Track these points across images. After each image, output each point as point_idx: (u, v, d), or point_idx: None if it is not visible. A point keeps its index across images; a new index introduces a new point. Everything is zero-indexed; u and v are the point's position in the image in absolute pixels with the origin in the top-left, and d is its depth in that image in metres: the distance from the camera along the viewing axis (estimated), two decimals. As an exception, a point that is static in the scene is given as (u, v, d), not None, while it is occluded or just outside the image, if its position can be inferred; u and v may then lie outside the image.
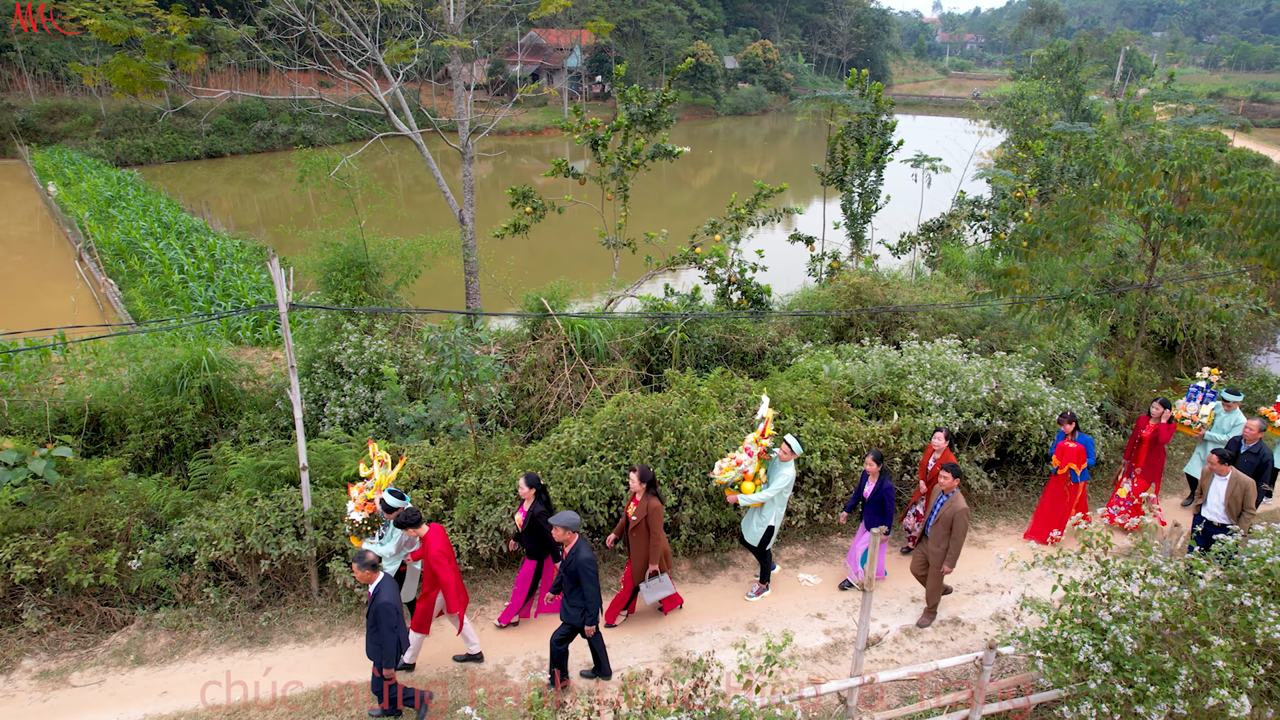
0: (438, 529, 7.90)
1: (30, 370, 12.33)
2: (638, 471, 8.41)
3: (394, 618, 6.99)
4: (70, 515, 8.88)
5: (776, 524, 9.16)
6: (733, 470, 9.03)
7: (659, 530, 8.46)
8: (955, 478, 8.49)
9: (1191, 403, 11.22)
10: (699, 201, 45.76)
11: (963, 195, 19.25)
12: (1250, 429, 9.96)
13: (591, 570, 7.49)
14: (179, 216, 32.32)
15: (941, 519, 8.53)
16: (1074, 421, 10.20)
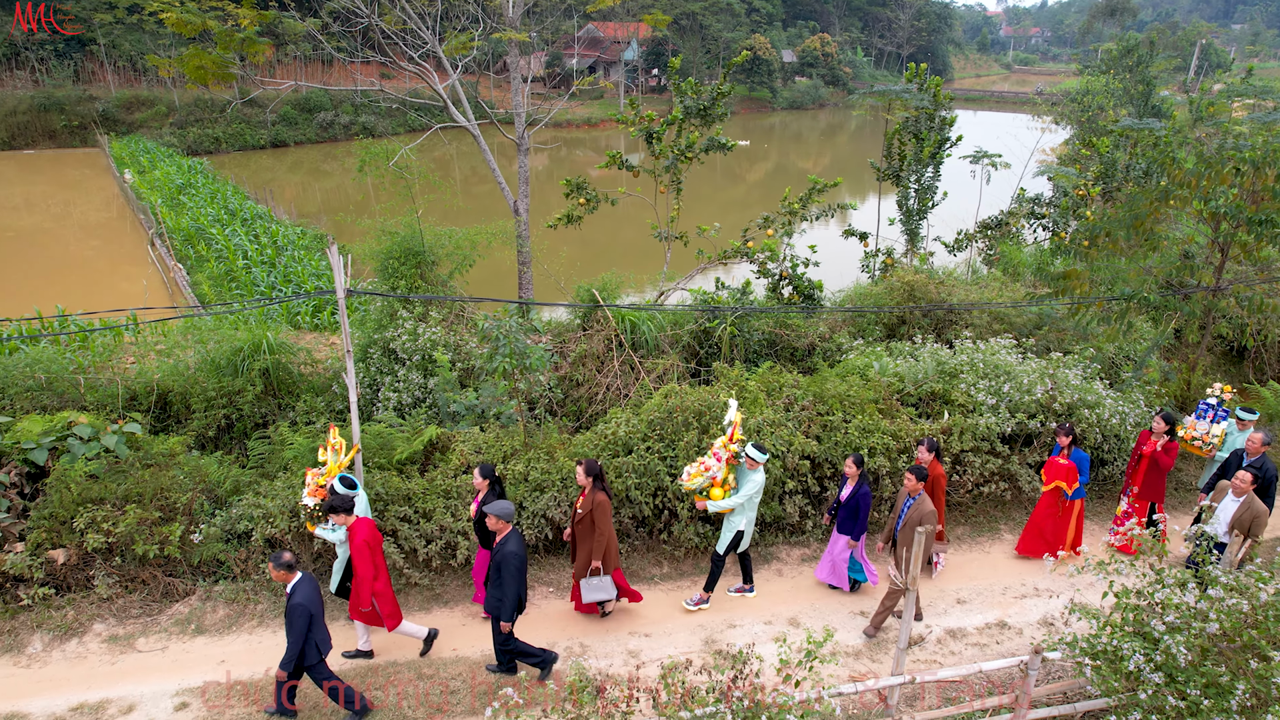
0: (366, 522, 7.79)
1: (105, 350, 12.89)
2: (584, 465, 8.31)
3: (306, 619, 7.00)
4: (138, 489, 9.27)
5: (747, 529, 8.98)
6: (701, 476, 8.88)
7: (605, 525, 8.33)
8: (920, 480, 8.32)
9: (1201, 421, 10.49)
10: (752, 195, 45.52)
11: (1023, 193, 18.84)
12: (1254, 442, 9.31)
13: (515, 564, 7.44)
14: (244, 204, 33.29)
15: (909, 522, 8.34)
16: (1071, 435, 9.67)
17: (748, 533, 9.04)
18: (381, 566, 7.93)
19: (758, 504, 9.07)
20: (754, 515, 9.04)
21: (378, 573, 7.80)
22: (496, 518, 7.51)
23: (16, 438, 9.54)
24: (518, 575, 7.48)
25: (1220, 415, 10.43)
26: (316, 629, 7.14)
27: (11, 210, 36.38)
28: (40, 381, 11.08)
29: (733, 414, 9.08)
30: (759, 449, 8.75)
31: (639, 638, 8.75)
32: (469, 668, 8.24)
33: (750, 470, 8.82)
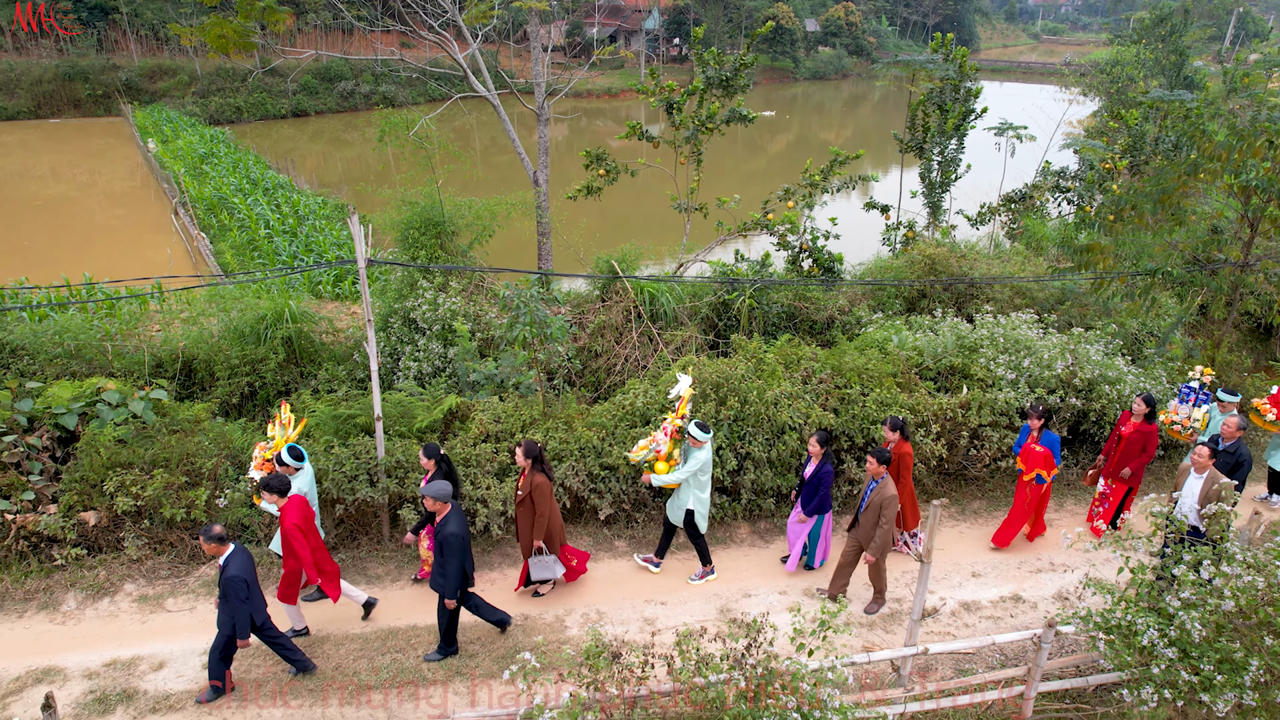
0: (298, 501, 7.76)
1: (131, 317, 13.09)
2: (523, 447, 8.28)
3: (243, 591, 7.04)
4: (165, 454, 9.46)
5: (698, 507, 8.92)
6: (645, 450, 8.89)
7: (544, 506, 8.31)
8: (881, 464, 8.22)
9: (1183, 405, 10.21)
10: (773, 167, 45.14)
11: (1048, 166, 18.57)
12: (1229, 426, 9.05)
13: (455, 544, 7.45)
14: (266, 174, 33.44)
15: (871, 505, 8.28)
16: (1044, 416, 9.41)
17: (699, 513, 8.98)
18: (315, 544, 7.87)
19: (708, 485, 8.97)
20: (705, 495, 8.94)
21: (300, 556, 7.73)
22: (434, 499, 7.52)
23: (47, 403, 9.76)
24: (459, 553, 7.49)
25: (1202, 398, 10.12)
26: (253, 599, 7.22)
27: (39, 179, 36.76)
28: (69, 348, 11.29)
29: (681, 389, 9.03)
30: (701, 427, 8.64)
31: (655, 605, 8.88)
32: (487, 632, 8.39)
33: (695, 448, 8.74)
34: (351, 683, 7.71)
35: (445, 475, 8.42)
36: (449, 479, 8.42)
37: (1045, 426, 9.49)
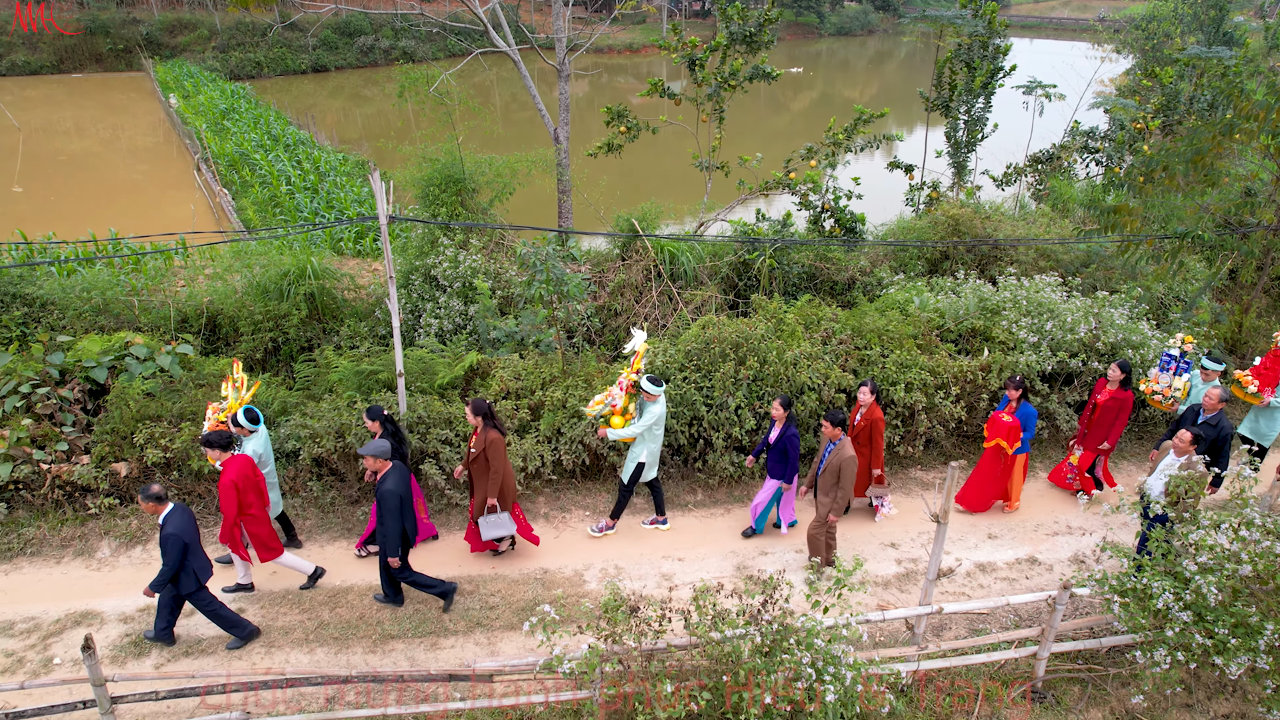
0: (240, 460, 7.76)
1: (156, 273, 13.23)
2: (471, 405, 8.28)
3: (180, 548, 7.08)
4: (192, 407, 9.63)
5: (649, 460, 9.00)
6: (601, 405, 8.92)
7: (498, 464, 8.27)
8: (836, 426, 8.15)
9: (1164, 373, 9.95)
10: (796, 125, 44.50)
11: (1077, 126, 18.18)
12: (1210, 398, 8.74)
13: (392, 502, 7.47)
14: (286, 129, 33.39)
15: (829, 468, 8.22)
16: (1021, 388, 9.18)
17: (650, 464, 9.05)
18: (255, 502, 7.89)
19: (661, 437, 9.04)
20: (656, 448, 9.03)
21: (243, 511, 7.78)
22: (374, 457, 7.54)
23: (78, 356, 9.94)
24: (397, 512, 7.52)
25: (1183, 367, 9.86)
26: (194, 557, 7.26)
27: (63, 134, 36.93)
28: (97, 303, 11.45)
29: (636, 343, 9.05)
30: (654, 381, 8.73)
31: (672, 561, 9.00)
32: (507, 585, 8.56)
33: (649, 402, 8.81)
34: (375, 632, 7.91)
35: (391, 436, 8.46)
36: (394, 439, 8.46)
37: (1023, 399, 9.33)
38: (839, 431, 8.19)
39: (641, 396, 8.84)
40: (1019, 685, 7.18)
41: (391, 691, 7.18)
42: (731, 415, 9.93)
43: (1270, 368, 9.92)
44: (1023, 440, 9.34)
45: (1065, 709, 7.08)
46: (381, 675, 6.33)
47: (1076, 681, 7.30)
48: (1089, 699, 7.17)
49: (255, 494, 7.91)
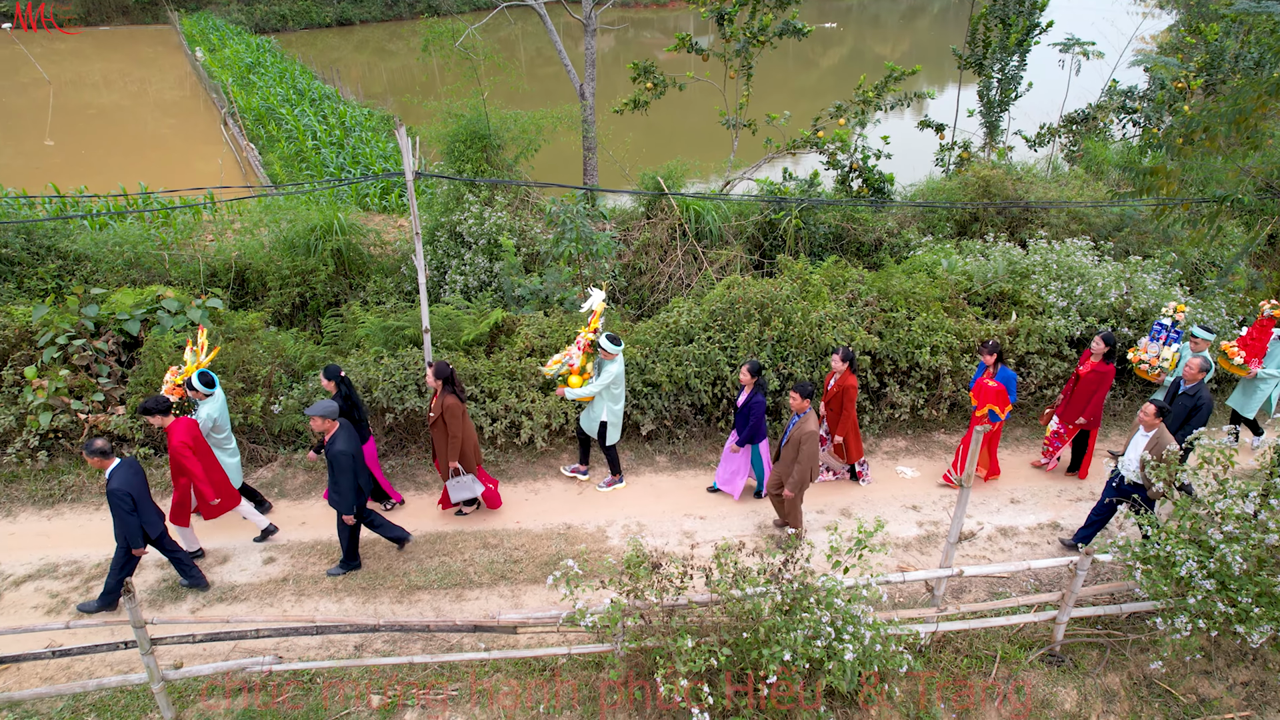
0: (184, 422, 7.77)
1: (185, 227, 13.35)
2: (433, 368, 8.27)
3: (126, 503, 7.10)
4: (222, 361, 9.77)
5: (612, 419, 9.01)
6: (559, 364, 8.91)
7: (457, 428, 8.27)
8: (804, 398, 7.94)
9: (1154, 343, 9.66)
10: (825, 83, 43.63)
11: (1115, 85, 17.70)
12: (1190, 368, 8.42)
13: (345, 461, 7.47)
14: (312, 84, 33.26)
15: (791, 440, 8.08)
16: (997, 352, 8.91)
17: (613, 424, 9.07)
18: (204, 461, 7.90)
19: (621, 397, 9.05)
20: (619, 408, 9.03)
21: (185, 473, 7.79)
22: (321, 418, 7.51)
23: (112, 309, 10.10)
24: (350, 472, 7.53)
25: (1173, 336, 9.56)
26: (143, 511, 7.28)
27: (92, 87, 37.04)
28: (129, 257, 11.60)
29: (593, 302, 9.01)
30: (612, 340, 8.69)
31: (694, 519, 9.09)
32: (531, 539, 8.69)
33: (607, 361, 8.81)
34: (401, 583, 8.09)
35: (345, 397, 8.43)
36: (349, 401, 8.46)
37: (999, 362, 9.10)
38: (806, 404, 7.99)
39: (600, 355, 8.85)
40: (1037, 649, 7.23)
41: (418, 640, 7.36)
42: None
43: (1257, 338, 9.66)
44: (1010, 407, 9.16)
45: (1083, 673, 7.12)
46: (408, 625, 6.48)
47: (1095, 646, 7.34)
48: (1107, 663, 7.21)
49: (205, 455, 7.93)
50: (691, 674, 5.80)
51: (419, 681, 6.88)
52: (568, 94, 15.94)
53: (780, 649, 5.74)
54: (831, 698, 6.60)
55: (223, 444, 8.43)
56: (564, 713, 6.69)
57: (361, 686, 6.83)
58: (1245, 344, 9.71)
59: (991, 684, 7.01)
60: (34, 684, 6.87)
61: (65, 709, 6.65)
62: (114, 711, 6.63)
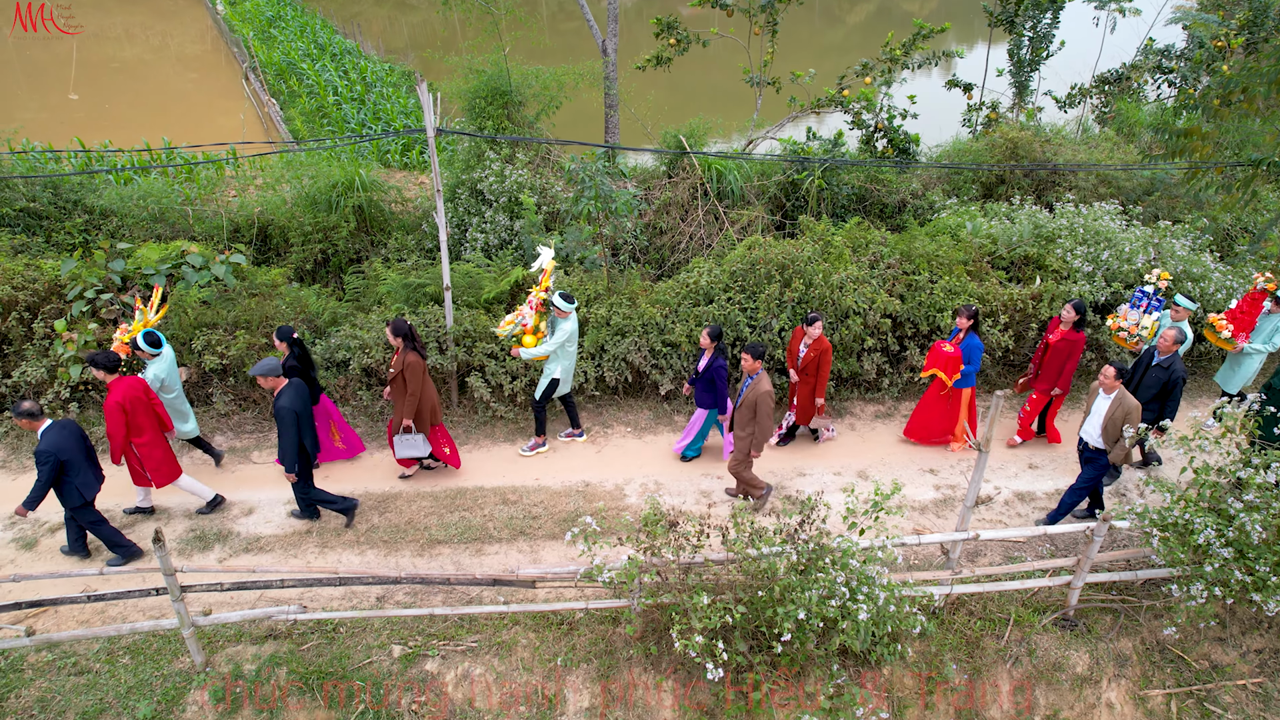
0: (128, 382, 7.70)
1: (208, 182, 13.41)
2: (391, 326, 8.26)
3: (49, 463, 7.04)
4: (246, 316, 9.89)
5: (562, 376, 9.09)
6: (512, 324, 8.89)
7: (416, 386, 8.26)
8: (756, 359, 7.86)
9: (1135, 310, 9.35)
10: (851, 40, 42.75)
11: (1151, 44, 17.22)
12: (1165, 339, 8.20)
13: (288, 418, 7.50)
14: (333, 38, 33.00)
15: (745, 403, 8.01)
16: (973, 317, 8.81)
17: (564, 380, 9.14)
18: (148, 425, 7.84)
19: (575, 354, 9.12)
20: (570, 365, 9.10)
21: (130, 432, 7.73)
22: (263, 375, 7.57)
23: (137, 263, 10.21)
24: (293, 428, 7.56)
25: (1155, 304, 9.28)
26: (76, 473, 7.25)
27: (114, 41, 36.96)
28: (153, 211, 11.69)
29: (544, 261, 8.98)
30: (565, 298, 8.72)
31: (711, 479, 9.16)
32: (549, 495, 8.81)
33: (560, 319, 8.82)
34: (422, 536, 8.24)
35: (299, 357, 8.45)
36: (302, 360, 8.48)
37: (973, 329, 8.98)
38: (758, 365, 7.93)
39: (553, 314, 8.88)
40: (1051, 613, 7.28)
41: (438, 593, 7.52)
42: (775, 337, 9.93)
43: (1247, 311, 9.42)
44: (965, 374, 9.06)
45: (1095, 637, 7.17)
46: (429, 577, 6.62)
47: (1109, 611, 7.38)
48: (1120, 629, 7.25)
49: (148, 417, 7.85)
50: (706, 630, 5.90)
51: (439, 633, 7.05)
52: (590, 50, 15.76)
53: (795, 608, 5.82)
54: (844, 657, 6.69)
55: (173, 403, 8.48)
56: (581, 666, 6.83)
57: (383, 636, 7.00)
58: (1234, 317, 9.48)
59: (1004, 646, 7.08)
60: (71, 627, 7.10)
61: (101, 651, 6.88)
62: (147, 654, 6.85)
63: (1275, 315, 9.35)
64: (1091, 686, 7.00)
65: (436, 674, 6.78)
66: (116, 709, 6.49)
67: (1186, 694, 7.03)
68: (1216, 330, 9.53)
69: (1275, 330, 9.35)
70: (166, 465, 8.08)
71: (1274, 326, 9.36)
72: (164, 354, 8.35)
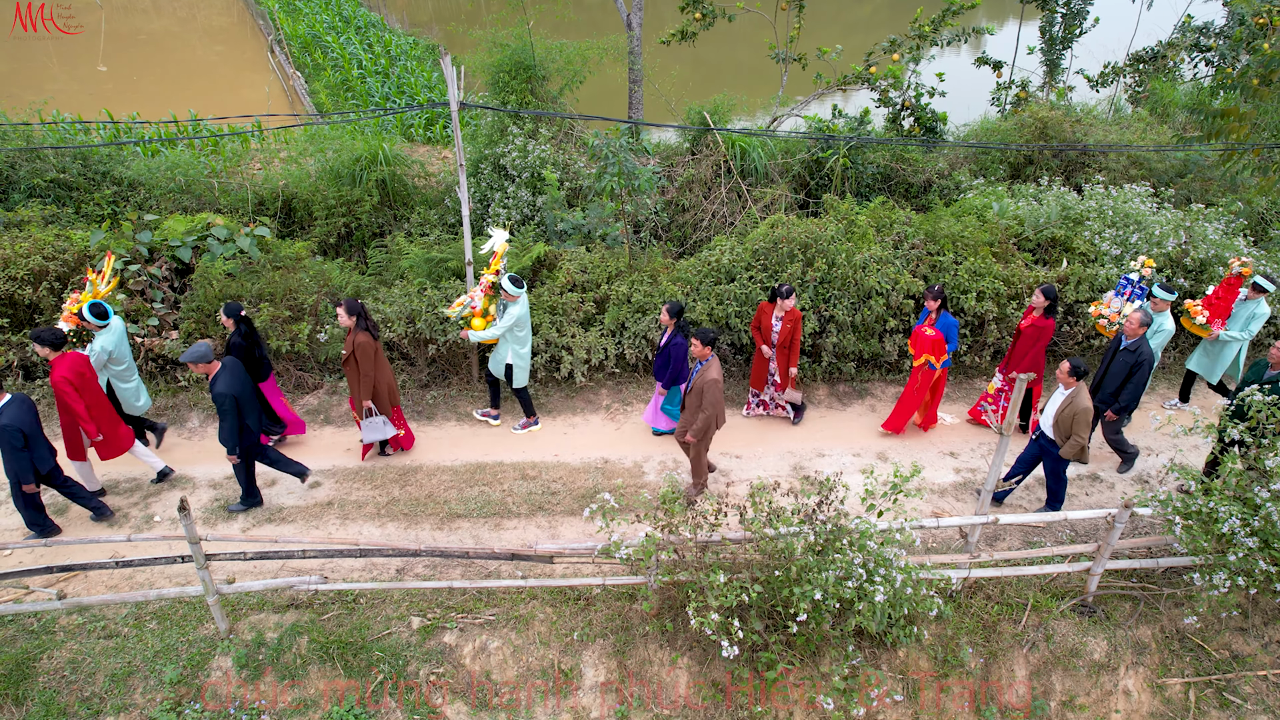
0: (72, 357, 7.62)
1: (234, 155, 13.48)
2: (343, 305, 8.16)
3: (18, 439, 7.08)
4: (270, 289, 9.96)
5: (518, 362, 8.93)
6: (460, 307, 8.82)
7: (368, 366, 8.19)
8: (706, 345, 7.68)
9: (1119, 298, 9.10)
10: (879, 16, 42.05)
11: (1189, 20, 16.81)
12: (1131, 321, 8.04)
13: (224, 403, 7.41)
14: (357, 11, 32.93)
15: (694, 389, 7.87)
16: (940, 298, 8.66)
17: (518, 367, 9.02)
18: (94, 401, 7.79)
19: (528, 339, 8.99)
20: (524, 350, 8.97)
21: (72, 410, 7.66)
22: (193, 363, 7.46)
23: (164, 235, 10.31)
24: (232, 413, 7.48)
25: (1138, 293, 9.01)
26: (35, 445, 7.28)
27: (141, 13, 37.11)
28: (180, 184, 11.77)
29: (494, 243, 8.90)
30: (515, 281, 8.62)
31: (730, 459, 9.16)
32: (569, 472, 8.86)
33: (509, 303, 8.73)
34: (442, 510, 8.32)
35: (245, 335, 8.32)
36: (249, 339, 8.35)
37: (943, 309, 8.81)
38: (708, 351, 7.78)
39: (502, 297, 8.79)
40: (1069, 599, 7.24)
41: (457, 566, 7.60)
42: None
43: (1223, 297, 9.18)
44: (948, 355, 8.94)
45: (1114, 624, 7.14)
46: (449, 551, 6.69)
47: (1128, 599, 7.33)
48: (1140, 616, 7.21)
49: (92, 393, 7.80)
50: (723, 608, 5.93)
51: (458, 605, 7.13)
52: (614, 24, 15.62)
53: (811, 588, 5.84)
54: (860, 638, 6.71)
55: (123, 375, 8.38)
56: (597, 641, 6.90)
57: (403, 608, 7.09)
58: (1210, 304, 9.25)
59: (1021, 631, 7.06)
60: (100, 591, 7.26)
61: (129, 616, 7.03)
62: (173, 620, 6.99)
63: (1252, 302, 9.08)
64: (1109, 673, 6.98)
65: (454, 646, 6.87)
66: (144, 672, 6.65)
67: (1205, 683, 7.00)
68: (1192, 316, 9.28)
69: (1252, 317, 9.07)
70: (113, 438, 8.03)
71: (1250, 313, 9.09)
72: (111, 325, 8.20)
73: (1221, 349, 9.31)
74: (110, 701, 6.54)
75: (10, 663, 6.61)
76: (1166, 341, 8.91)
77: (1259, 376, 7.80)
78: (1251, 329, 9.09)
